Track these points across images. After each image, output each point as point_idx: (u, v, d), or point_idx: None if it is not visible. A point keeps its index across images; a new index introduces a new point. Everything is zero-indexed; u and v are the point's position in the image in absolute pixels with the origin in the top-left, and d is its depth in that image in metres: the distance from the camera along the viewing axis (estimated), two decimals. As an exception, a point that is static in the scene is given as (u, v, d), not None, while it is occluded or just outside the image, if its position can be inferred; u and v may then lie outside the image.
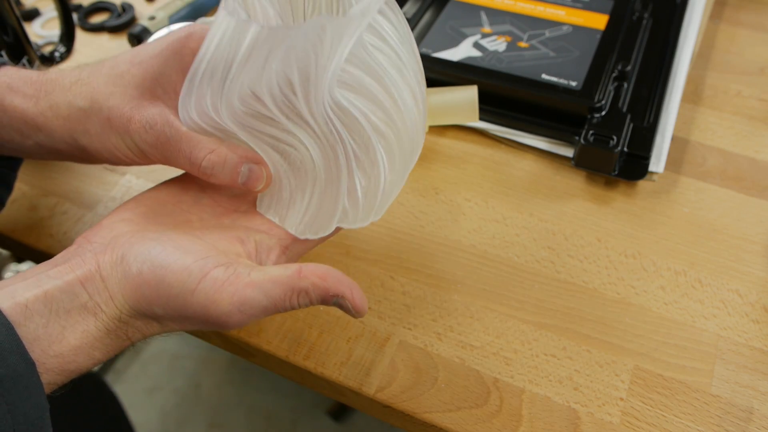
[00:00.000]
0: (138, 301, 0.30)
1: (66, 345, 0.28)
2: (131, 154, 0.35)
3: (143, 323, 0.31)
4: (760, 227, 0.45)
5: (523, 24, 0.57)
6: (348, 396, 0.39)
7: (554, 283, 0.42)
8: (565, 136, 0.50)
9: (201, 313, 0.29)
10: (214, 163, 0.34)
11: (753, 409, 0.36)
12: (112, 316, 0.30)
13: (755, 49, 0.59)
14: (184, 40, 0.35)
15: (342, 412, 1.09)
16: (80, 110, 0.34)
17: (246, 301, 0.29)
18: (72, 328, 0.29)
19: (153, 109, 0.34)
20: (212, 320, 0.30)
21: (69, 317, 0.29)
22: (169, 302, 0.29)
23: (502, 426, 0.36)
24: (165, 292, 0.29)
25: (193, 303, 0.29)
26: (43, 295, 0.28)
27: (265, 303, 0.30)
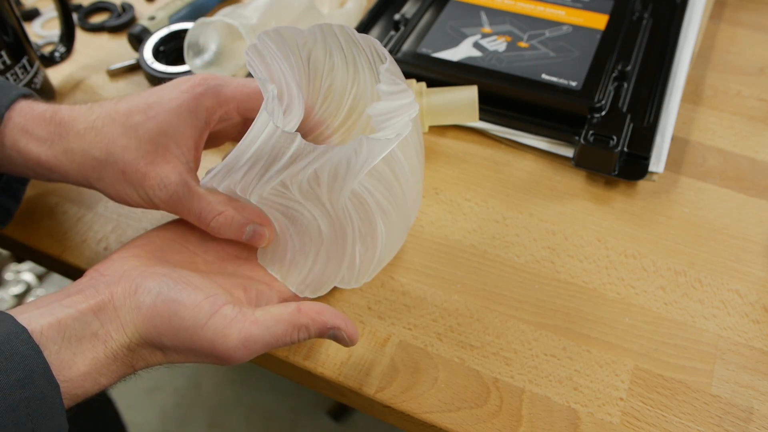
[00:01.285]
0: (148, 331, 0.31)
1: (75, 371, 0.29)
2: (143, 203, 0.37)
3: (149, 353, 0.32)
4: (760, 227, 0.45)
5: (523, 24, 0.57)
6: (348, 396, 0.39)
7: (554, 283, 0.42)
8: (565, 136, 0.50)
9: (208, 347, 0.31)
10: (221, 224, 0.37)
11: (753, 409, 0.36)
12: (121, 344, 0.31)
13: (755, 49, 0.59)
14: (200, 98, 0.37)
15: (342, 412, 1.09)
16: (95, 160, 0.36)
17: (251, 337, 0.31)
18: (82, 354, 0.30)
19: (167, 167, 0.36)
20: (218, 354, 0.31)
21: (80, 344, 0.30)
22: (178, 334, 0.31)
23: (502, 426, 0.36)
24: (177, 324, 0.31)
25: (202, 337, 0.31)
26: (57, 323, 0.30)
27: (269, 339, 0.32)
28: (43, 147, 0.36)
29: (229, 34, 0.53)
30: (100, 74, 0.59)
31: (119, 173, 0.36)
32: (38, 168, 0.37)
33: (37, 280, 1.16)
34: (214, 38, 0.53)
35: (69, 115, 0.37)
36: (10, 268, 1.17)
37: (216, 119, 0.38)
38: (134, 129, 0.36)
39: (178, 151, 0.37)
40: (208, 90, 0.37)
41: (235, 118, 0.40)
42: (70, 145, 0.36)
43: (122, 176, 0.36)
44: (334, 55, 0.38)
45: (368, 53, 0.37)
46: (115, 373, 0.31)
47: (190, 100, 0.37)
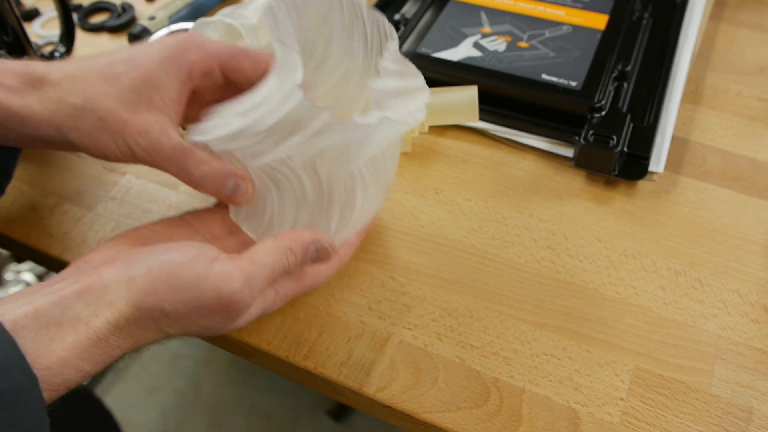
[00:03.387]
0: (147, 299, 0.30)
1: (53, 357, 0.28)
2: (121, 155, 0.35)
3: (141, 328, 0.31)
4: (760, 227, 0.45)
5: (523, 24, 0.57)
6: (348, 396, 0.39)
7: (554, 283, 0.42)
8: (565, 136, 0.50)
9: (213, 296, 0.31)
10: (204, 174, 0.35)
11: (753, 409, 0.36)
12: (108, 321, 0.29)
13: (755, 49, 0.59)
14: (185, 51, 0.36)
15: (342, 412, 1.09)
16: (71, 107, 0.34)
17: (252, 274, 0.32)
18: (61, 339, 0.28)
19: (149, 116, 0.35)
20: (224, 300, 0.31)
21: (59, 329, 0.28)
22: (180, 293, 0.30)
23: (502, 426, 0.36)
24: (178, 283, 0.30)
25: (205, 288, 0.31)
26: (33, 311, 0.28)
27: (266, 271, 0.33)
28: (14, 96, 0.34)
29: (229, 34, 0.53)
30: (100, 74, 0.59)
31: (97, 121, 0.34)
32: (8, 120, 0.34)
33: (37, 280, 1.16)
34: (214, 38, 0.53)
35: (43, 68, 0.35)
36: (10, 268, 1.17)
37: (199, 73, 0.37)
38: (116, 77, 0.35)
39: (161, 101, 0.35)
40: (194, 44, 0.36)
41: (216, 76, 0.38)
42: (44, 94, 0.34)
43: (101, 124, 0.34)
44: (335, 24, 0.38)
45: (369, 28, 0.37)
46: (99, 357, 0.30)
47: (174, 51, 0.35)
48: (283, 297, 0.36)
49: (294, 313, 0.41)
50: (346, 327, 0.40)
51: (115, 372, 1.13)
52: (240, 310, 0.32)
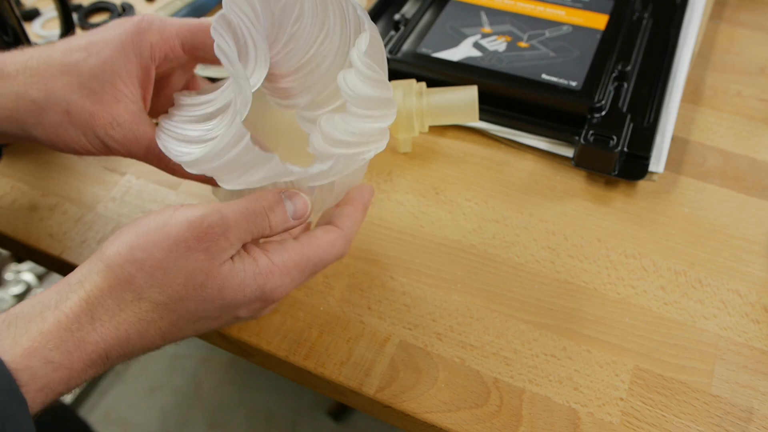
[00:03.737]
0: (115, 255, 0.28)
1: (17, 349, 0.26)
2: (92, 148, 0.34)
3: (117, 301, 0.28)
4: (760, 227, 0.45)
5: (523, 24, 0.57)
6: (348, 396, 0.39)
7: (554, 283, 0.42)
8: (565, 136, 0.50)
9: (184, 225, 0.28)
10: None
11: (753, 409, 0.36)
12: (78, 299, 0.27)
13: (755, 49, 0.59)
14: (142, 33, 0.34)
15: (342, 412, 1.09)
16: (32, 102, 0.33)
17: (221, 206, 0.30)
18: (27, 332, 0.26)
19: (118, 106, 0.33)
20: (196, 227, 0.28)
21: (27, 323, 0.27)
22: (150, 235, 0.28)
23: (502, 426, 0.36)
24: (145, 228, 0.29)
25: (174, 221, 0.29)
26: (3, 316, 0.27)
27: (239, 209, 0.30)
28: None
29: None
30: (100, 74, 0.59)
31: (62, 115, 0.32)
32: None
33: (37, 280, 1.16)
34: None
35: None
36: (10, 268, 1.17)
37: (161, 56, 0.35)
38: (75, 66, 0.33)
39: (126, 89, 0.34)
40: (151, 26, 0.35)
41: (180, 56, 0.37)
42: (0, 89, 0.33)
43: (66, 118, 0.32)
44: (304, 4, 0.36)
45: (346, 13, 0.35)
46: (72, 342, 0.27)
47: (133, 36, 0.34)
48: (281, 266, 0.32)
49: (294, 313, 0.41)
50: (346, 327, 0.40)
51: (115, 372, 1.13)
52: (217, 237, 0.29)
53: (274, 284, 0.31)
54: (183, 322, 0.30)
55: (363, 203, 0.37)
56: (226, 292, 0.30)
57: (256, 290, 0.31)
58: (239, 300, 0.31)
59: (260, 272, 0.31)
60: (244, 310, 0.32)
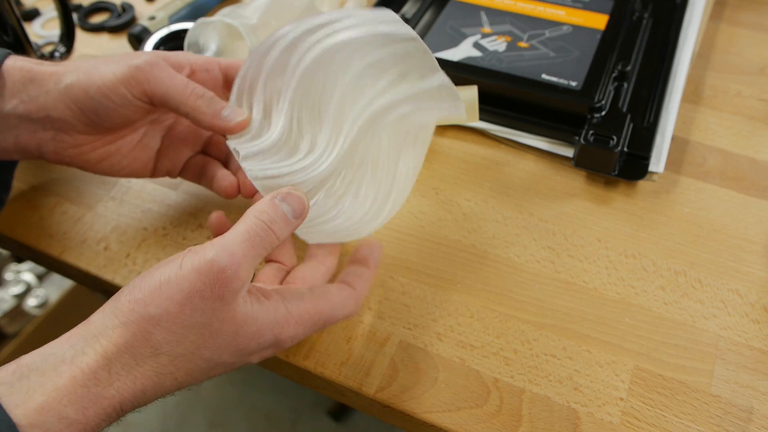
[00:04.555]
0: (131, 312, 0.28)
1: (30, 405, 0.25)
2: (137, 103, 0.37)
3: (133, 357, 0.28)
4: (760, 227, 0.45)
5: (523, 24, 0.57)
6: (348, 396, 0.39)
7: (554, 283, 0.42)
8: (565, 136, 0.50)
9: (193, 273, 0.28)
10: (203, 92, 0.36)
11: (753, 409, 0.36)
12: (95, 354, 0.27)
13: (755, 49, 0.59)
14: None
15: (342, 412, 1.09)
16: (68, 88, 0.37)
17: (225, 240, 0.29)
18: (41, 386, 0.26)
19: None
20: (205, 273, 0.28)
21: (41, 377, 0.26)
22: (163, 289, 0.28)
23: (502, 426, 0.36)
24: (157, 281, 0.28)
25: (184, 272, 0.28)
26: (15, 366, 0.26)
27: (241, 234, 0.30)
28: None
29: (229, 34, 0.53)
30: (100, 74, 0.59)
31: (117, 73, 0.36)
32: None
33: (37, 280, 1.16)
34: (214, 38, 0.53)
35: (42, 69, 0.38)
36: (10, 268, 1.17)
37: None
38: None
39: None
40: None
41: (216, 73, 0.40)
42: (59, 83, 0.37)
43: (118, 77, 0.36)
44: None
45: None
46: (88, 398, 0.26)
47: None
48: (296, 316, 0.32)
49: (294, 313, 0.41)
50: (346, 327, 0.40)
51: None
52: (228, 280, 0.28)
53: (289, 334, 0.32)
54: (198, 371, 0.30)
55: (374, 262, 0.39)
56: (240, 338, 0.30)
57: (271, 338, 0.31)
58: (253, 347, 0.31)
59: (277, 321, 0.31)
60: (256, 357, 0.32)
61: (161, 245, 0.45)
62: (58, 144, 0.39)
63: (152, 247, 0.45)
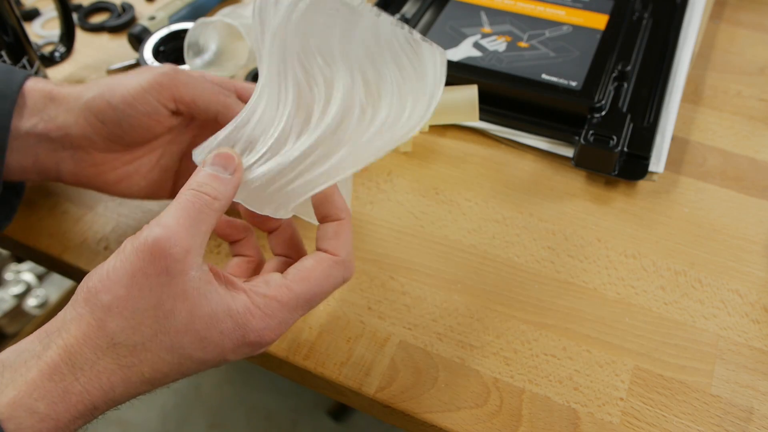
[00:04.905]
0: (87, 299, 0.27)
1: (3, 399, 0.25)
2: (164, 110, 0.38)
3: (93, 349, 0.27)
4: (760, 227, 0.45)
5: (523, 24, 0.57)
6: (348, 396, 0.39)
7: (554, 283, 0.42)
8: (565, 136, 0.50)
9: (142, 250, 0.27)
10: None
11: (753, 409, 0.36)
12: (58, 348, 0.27)
13: (755, 49, 0.59)
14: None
15: (342, 412, 1.09)
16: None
17: (165, 214, 0.29)
18: (13, 382, 0.26)
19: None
20: (150, 248, 0.27)
21: (13, 372, 0.26)
22: (113, 274, 0.28)
23: (502, 426, 0.36)
24: (112, 266, 0.28)
25: (134, 246, 0.28)
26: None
27: (179, 208, 0.29)
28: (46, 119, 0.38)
29: (229, 34, 0.54)
30: (100, 74, 0.59)
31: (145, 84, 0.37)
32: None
33: (37, 280, 1.16)
34: (214, 38, 0.53)
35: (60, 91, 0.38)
36: (10, 268, 1.17)
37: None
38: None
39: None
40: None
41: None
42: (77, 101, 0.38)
43: (145, 87, 0.37)
44: None
45: None
46: (56, 392, 0.26)
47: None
48: (263, 306, 0.30)
49: (294, 313, 0.41)
50: (346, 327, 0.40)
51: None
52: (167, 251, 0.27)
53: (257, 327, 0.29)
54: (165, 365, 0.28)
55: (346, 212, 0.33)
56: (197, 319, 0.28)
57: (234, 329, 0.29)
58: (216, 337, 0.29)
59: (237, 311, 0.29)
60: (231, 355, 0.30)
61: (161, 245, 0.45)
62: (76, 163, 0.39)
63: (152, 247, 0.45)
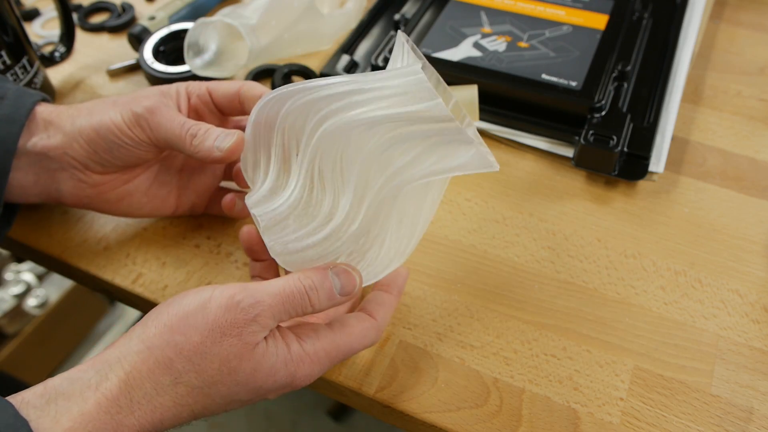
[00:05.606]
0: (157, 337, 0.29)
1: (58, 429, 0.26)
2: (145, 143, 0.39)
3: (154, 384, 0.28)
4: (760, 227, 0.45)
5: (523, 24, 0.57)
6: (348, 396, 0.39)
7: (554, 283, 0.42)
8: (565, 136, 0.50)
9: (217, 309, 0.29)
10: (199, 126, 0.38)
11: (753, 409, 0.36)
12: (117, 380, 0.28)
13: (755, 49, 0.59)
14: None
15: (342, 412, 1.09)
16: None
17: (257, 286, 0.31)
18: (68, 411, 0.27)
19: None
20: (227, 310, 0.29)
21: (67, 401, 0.27)
22: (189, 318, 0.29)
23: (502, 426, 0.36)
24: (185, 310, 0.30)
25: (211, 305, 0.30)
26: (42, 389, 0.28)
27: (276, 288, 0.31)
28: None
29: (229, 34, 0.54)
30: (100, 74, 0.59)
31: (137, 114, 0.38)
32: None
33: (37, 280, 1.16)
34: (214, 38, 0.53)
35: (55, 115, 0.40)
36: (10, 268, 1.17)
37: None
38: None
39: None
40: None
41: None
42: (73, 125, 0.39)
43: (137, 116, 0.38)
44: None
45: None
46: (110, 424, 0.27)
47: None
48: (312, 354, 0.32)
49: (294, 313, 0.41)
50: (346, 327, 0.40)
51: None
52: (248, 323, 0.29)
53: (304, 373, 0.32)
54: (215, 405, 0.30)
55: (398, 289, 0.38)
56: (257, 375, 0.30)
57: (286, 377, 0.31)
58: (269, 385, 0.31)
59: (292, 359, 0.31)
60: (272, 394, 0.32)
61: (161, 245, 0.45)
62: (75, 183, 0.40)
63: (152, 247, 0.45)
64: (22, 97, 0.40)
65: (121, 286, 0.43)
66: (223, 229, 0.46)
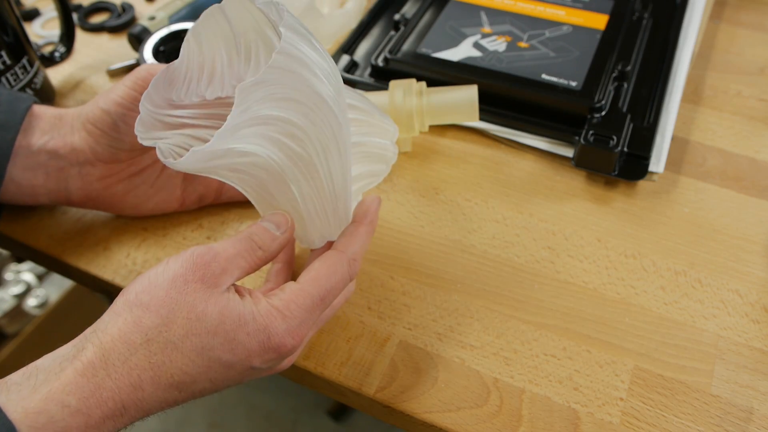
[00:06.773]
0: (129, 300, 0.30)
1: (35, 397, 0.27)
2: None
3: (126, 344, 0.28)
4: (760, 227, 0.45)
5: (523, 24, 0.57)
6: (348, 396, 0.39)
7: (554, 283, 0.42)
8: (565, 136, 0.50)
9: (184, 263, 0.30)
10: None
11: (753, 409, 0.36)
12: (93, 348, 0.28)
13: (755, 49, 0.59)
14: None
15: (342, 412, 1.09)
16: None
17: (216, 245, 0.32)
18: (47, 381, 0.27)
19: None
20: (194, 261, 0.30)
21: (48, 374, 0.28)
22: (158, 276, 0.30)
23: (502, 426, 0.36)
24: (156, 271, 0.31)
25: (177, 260, 0.31)
26: (26, 368, 0.28)
27: (230, 244, 0.32)
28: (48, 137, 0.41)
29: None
30: (100, 74, 0.59)
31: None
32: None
33: (37, 280, 1.16)
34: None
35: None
36: (10, 268, 1.17)
37: None
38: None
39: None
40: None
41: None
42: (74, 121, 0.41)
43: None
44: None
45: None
46: (88, 388, 0.27)
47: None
48: (281, 307, 0.31)
49: (294, 313, 0.41)
50: (346, 327, 0.40)
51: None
52: (208, 264, 0.30)
53: (279, 328, 0.31)
54: (193, 367, 0.30)
55: (369, 218, 0.36)
56: (226, 321, 0.30)
57: (258, 331, 0.30)
58: (242, 338, 0.30)
59: (260, 312, 0.31)
60: (257, 360, 0.31)
61: (161, 245, 0.45)
62: (83, 178, 0.42)
63: (152, 247, 0.45)
64: (15, 102, 0.41)
65: (121, 286, 0.43)
66: (223, 230, 0.46)
